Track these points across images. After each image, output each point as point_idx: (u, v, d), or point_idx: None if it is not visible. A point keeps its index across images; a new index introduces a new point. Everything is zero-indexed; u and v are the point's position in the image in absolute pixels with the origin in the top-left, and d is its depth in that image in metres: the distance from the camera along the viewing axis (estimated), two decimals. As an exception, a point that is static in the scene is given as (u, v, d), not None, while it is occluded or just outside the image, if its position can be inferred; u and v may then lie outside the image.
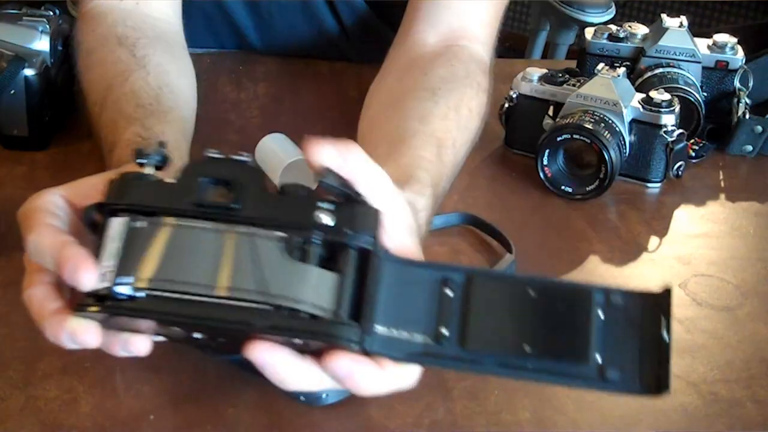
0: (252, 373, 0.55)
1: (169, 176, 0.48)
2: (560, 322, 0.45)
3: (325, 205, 0.45)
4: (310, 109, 0.96)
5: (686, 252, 0.75)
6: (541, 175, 0.82)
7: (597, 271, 0.72)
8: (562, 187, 0.81)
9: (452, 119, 0.71)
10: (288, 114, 0.95)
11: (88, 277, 0.45)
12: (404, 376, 0.47)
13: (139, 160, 0.48)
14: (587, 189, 0.81)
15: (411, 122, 0.69)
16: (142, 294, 0.45)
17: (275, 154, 0.78)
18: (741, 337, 0.64)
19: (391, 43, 0.85)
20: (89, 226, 0.48)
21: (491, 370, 0.45)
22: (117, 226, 0.46)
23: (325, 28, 1.04)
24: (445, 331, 0.45)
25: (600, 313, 0.45)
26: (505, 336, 0.45)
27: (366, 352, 0.45)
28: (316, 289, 0.44)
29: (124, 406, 0.54)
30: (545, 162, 0.81)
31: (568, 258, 0.74)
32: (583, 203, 0.81)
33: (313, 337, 0.44)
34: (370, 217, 0.46)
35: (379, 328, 0.45)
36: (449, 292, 0.46)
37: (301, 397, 0.54)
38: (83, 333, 0.46)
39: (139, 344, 0.48)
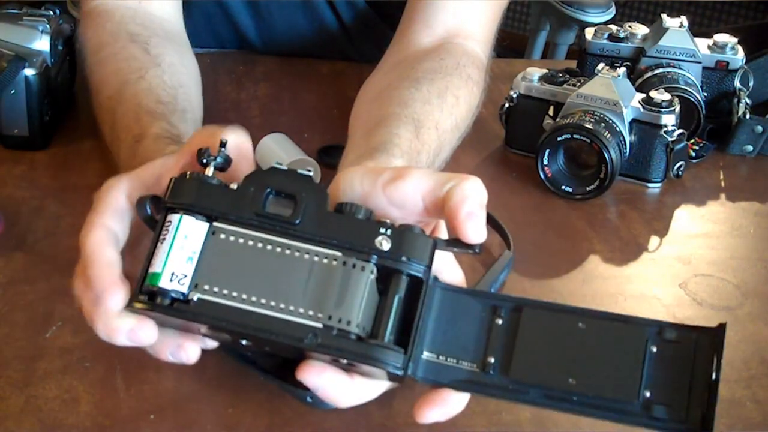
0: (259, 370, 0.56)
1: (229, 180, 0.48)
2: (610, 356, 0.45)
3: (383, 230, 0.46)
4: (310, 109, 0.96)
5: (686, 252, 0.75)
6: (542, 175, 0.81)
7: (597, 271, 0.72)
8: (563, 187, 0.81)
9: (435, 104, 0.71)
10: (288, 114, 0.95)
11: (116, 299, 0.45)
12: (455, 402, 0.47)
13: (202, 160, 0.48)
14: (587, 189, 0.80)
15: (390, 108, 0.69)
16: (195, 297, 0.45)
17: (275, 154, 0.78)
18: (741, 337, 0.64)
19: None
20: (144, 219, 0.48)
21: (535, 401, 0.45)
22: (186, 226, 0.46)
23: (326, 27, 1.04)
24: (491, 360, 0.46)
25: (653, 348, 0.45)
26: (552, 367, 0.45)
27: (410, 377, 0.46)
28: (366, 312, 0.45)
29: (124, 406, 0.54)
30: (545, 162, 0.81)
31: (569, 258, 0.73)
32: (583, 203, 0.81)
33: (358, 359, 0.45)
34: (426, 245, 0.47)
35: (427, 354, 0.46)
36: (498, 321, 0.47)
37: (309, 399, 0.54)
38: (140, 330, 0.46)
39: (190, 352, 0.48)
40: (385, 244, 0.46)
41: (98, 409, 0.54)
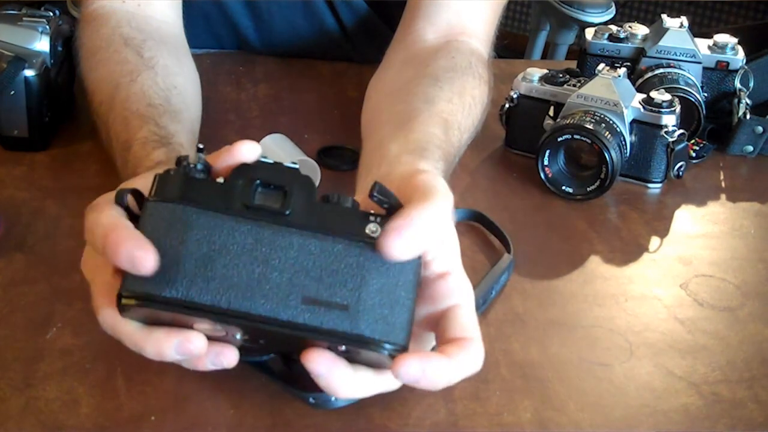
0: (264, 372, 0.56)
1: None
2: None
3: (374, 218, 0.47)
4: (310, 109, 0.96)
5: (687, 252, 0.75)
6: (542, 175, 0.81)
7: (598, 272, 0.72)
8: (563, 188, 0.81)
9: (456, 104, 0.72)
10: (288, 114, 0.94)
11: (150, 261, 0.45)
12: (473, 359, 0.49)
13: (183, 171, 0.48)
14: (588, 189, 0.80)
15: (417, 104, 0.70)
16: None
17: (275, 154, 0.78)
18: (742, 337, 0.64)
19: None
20: (121, 208, 0.49)
21: None
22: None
23: (325, 28, 1.04)
24: None
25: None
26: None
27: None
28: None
29: (125, 408, 0.54)
30: (546, 162, 0.81)
31: (569, 259, 0.73)
32: (583, 204, 0.81)
33: (355, 344, 0.46)
34: None
35: None
36: None
37: (311, 399, 0.54)
38: (191, 341, 0.47)
39: (230, 356, 0.49)
40: (377, 231, 0.47)
41: (99, 410, 0.54)
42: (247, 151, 0.49)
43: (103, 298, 0.48)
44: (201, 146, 0.49)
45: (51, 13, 0.83)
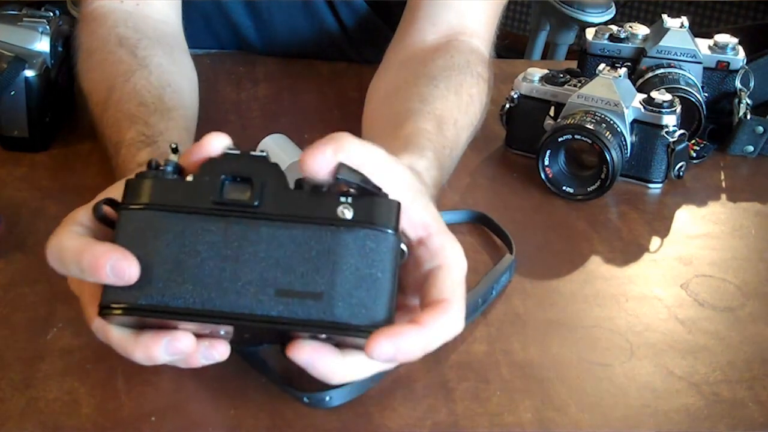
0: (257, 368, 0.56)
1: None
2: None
3: (344, 199, 0.46)
4: (310, 109, 0.96)
5: (687, 252, 0.75)
6: (542, 175, 0.81)
7: (598, 272, 0.72)
8: (563, 188, 0.81)
9: (452, 101, 0.72)
10: (288, 114, 0.94)
11: (134, 269, 0.45)
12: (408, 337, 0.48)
13: (153, 174, 0.48)
14: (588, 189, 0.80)
15: (411, 104, 0.70)
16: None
17: (275, 154, 0.78)
18: (743, 337, 0.64)
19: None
20: (98, 219, 0.49)
21: None
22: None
23: (326, 28, 1.04)
24: None
25: None
26: None
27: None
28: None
29: (125, 408, 0.54)
30: (546, 162, 0.81)
31: (569, 259, 0.73)
32: (584, 204, 0.81)
33: (333, 331, 0.46)
34: (390, 209, 0.47)
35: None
36: None
37: (305, 399, 0.54)
38: (179, 340, 0.47)
39: (221, 349, 0.49)
40: (347, 213, 0.46)
41: (99, 410, 0.54)
42: (215, 144, 0.48)
43: (92, 309, 0.49)
44: (174, 146, 0.49)
45: (51, 14, 0.83)
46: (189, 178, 0.47)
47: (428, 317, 0.48)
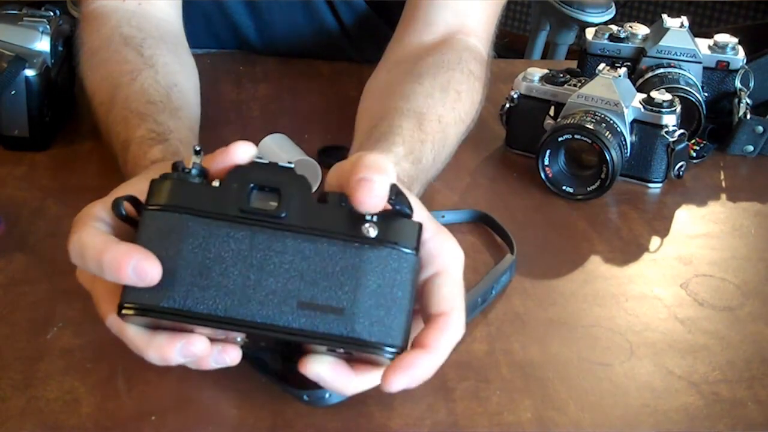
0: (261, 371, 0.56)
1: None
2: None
3: (369, 217, 0.47)
4: (310, 109, 0.96)
5: (687, 252, 0.75)
6: (542, 175, 0.81)
7: (598, 272, 0.72)
8: (563, 188, 0.81)
9: (437, 98, 0.72)
10: (288, 114, 0.95)
11: (156, 271, 0.45)
12: (423, 367, 0.48)
13: (178, 176, 0.48)
14: (588, 189, 0.80)
15: (392, 103, 0.70)
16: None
17: (276, 154, 0.78)
18: (742, 337, 0.64)
19: (391, 42, 0.86)
20: (119, 218, 0.48)
21: None
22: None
23: (326, 27, 1.04)
24: None
25: None
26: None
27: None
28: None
29: (125, 408, 0.54)
30: (546, 162, 0.81)
31: (569, 258, 0.73)
32: (584, 203, 0.81)
33: (353, 347, 0.46)
34: (412, 230, 0.48)
35: None
36: None
37: (305, 397, 0.54)
38: (194, 344, 0.47)
39: (233, 354, 0.49)
40: (372, 231, 0.46)
41: (100, 410, 0.54)
42: (242, 152, 0.48)
43: (107, 305, 0.49)
44: (198, 148, 0.49)
45: (51, 13, 0.83)
46: (215, 184, 0.47)
47: (433, 339, 0.49)
